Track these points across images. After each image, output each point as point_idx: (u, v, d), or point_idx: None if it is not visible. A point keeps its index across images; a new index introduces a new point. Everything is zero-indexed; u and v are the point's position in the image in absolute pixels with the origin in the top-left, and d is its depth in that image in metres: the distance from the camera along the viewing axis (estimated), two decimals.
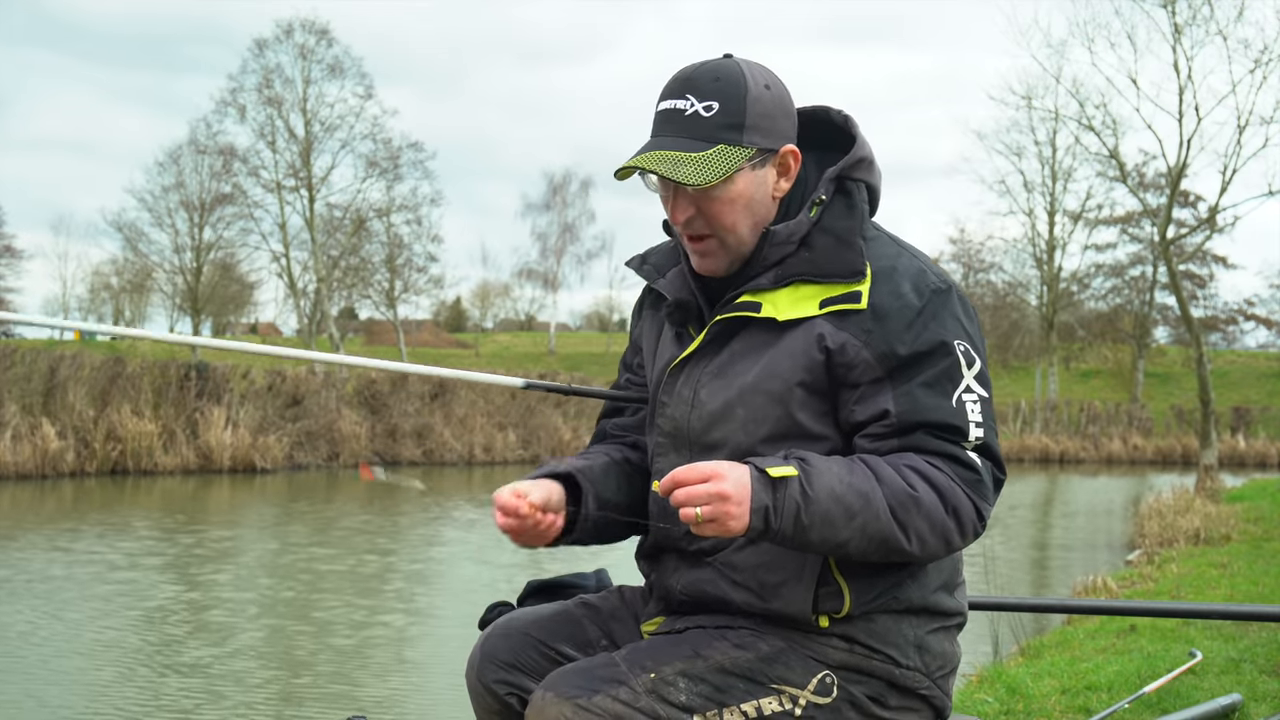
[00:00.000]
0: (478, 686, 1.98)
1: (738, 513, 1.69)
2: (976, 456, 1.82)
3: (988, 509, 1.81)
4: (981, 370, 1.86)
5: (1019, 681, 4.75)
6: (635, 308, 2.21)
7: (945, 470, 1.79)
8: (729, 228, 1.88)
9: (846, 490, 1.73)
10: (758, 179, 1.89)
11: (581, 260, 55.22)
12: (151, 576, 10.02)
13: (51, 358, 19.79)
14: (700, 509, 1.69)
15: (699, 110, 1.85)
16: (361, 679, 6.83)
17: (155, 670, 6.87)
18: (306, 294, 41.08)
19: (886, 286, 1.84)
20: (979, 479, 1.81)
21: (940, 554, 1.81)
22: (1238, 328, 53.94)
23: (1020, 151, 42.08)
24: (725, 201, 1.87)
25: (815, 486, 1.72)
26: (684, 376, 1.96)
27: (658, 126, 1.89)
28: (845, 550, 1.76)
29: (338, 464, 22.56)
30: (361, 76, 44.52)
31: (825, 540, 1.74)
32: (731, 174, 1.84)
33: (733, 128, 1.85)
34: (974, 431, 1.81)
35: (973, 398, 1.83)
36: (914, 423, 1.80)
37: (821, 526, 1.72)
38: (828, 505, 1.72)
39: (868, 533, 1.74)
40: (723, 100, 1.85)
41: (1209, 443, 19.88)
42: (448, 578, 10.84)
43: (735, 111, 1.85)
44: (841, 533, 1.73)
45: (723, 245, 1.90)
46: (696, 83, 1.87)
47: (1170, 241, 21.18)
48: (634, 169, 1.87)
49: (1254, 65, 18.43)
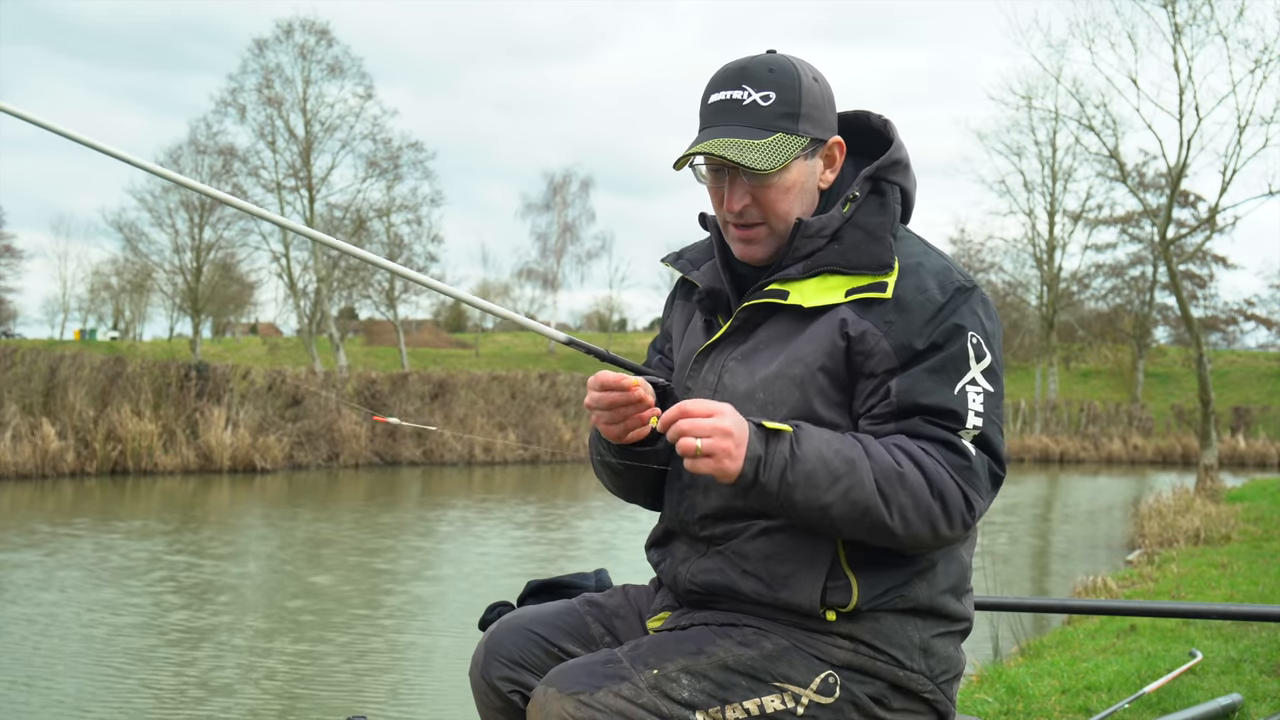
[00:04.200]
0: (481, 684, 1.98)
1: (735, 453, 1.73)
2: (972, 446, 1.82)
3: (978, 500, 1.81)
4: (991, 366, 1.86)
5: (1019, 681, 4.75)
6: (667, 300, 2.24)
7: (934, 455, 1.79)
8: (782, 216, 1.93)
9: (833, 455, 1.76)
10: (809, 169, 1.94)
11: (581, 260, 55.31)
12: (151, 576, 10.02)
13: (51, 358, 19.79)
14: (701, 441, 1.71)
15: (757, 100, 1.89)
16: (361, 679, 6.83)
17: (154, 670, 6.87)
18: (306, 294, 41.08)
19: (912, 280, 1.87)
20: (969, 466, 1.81)
21: (926, 539, 1.80)
22: (1238, 328, 54.01)
23: (1020, 151, 42.14)
24: (781, 190, 1.91)
25: (804, 446, 1.76)
26: (709, 362, 1.99)
27: (712, 117, 1.92)
28: (828, 515, 1.76)
29: (338, 464, 22.57)
30: (361, 76, 44.66)
31: (808, 501, 1.75)
32: (789, 162, 1.89)
33: (789, 117, 1.90)
34: (972, 420, 1.82)
35: (977, 389, 1.84)
36: (912, 404, 1.82)
37: (806, 486, 1.74)
38: (814, 465, 1.75)
39: (850, 498, 1.75)
40: (779, 91, 1.90)
41: (1209, 443, 19.88)
42: (448, 578, 10.84)
43: (791, 102, 1.90)
44: (825, 495, 1.75)
45: (772, 233, 1.94)
46: (752, 74, 1.91)
47: (1170, 241, 21.17)
48: (693, 156, 1.90)
49: (1254, 65, 18.45)
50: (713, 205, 2.00)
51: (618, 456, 2.00)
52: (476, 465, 24.62)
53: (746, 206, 1.92)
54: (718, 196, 1.97)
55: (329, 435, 22.74)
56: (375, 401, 24.09)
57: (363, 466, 22.88)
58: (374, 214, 41.59)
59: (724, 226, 1.99)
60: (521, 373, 28.10)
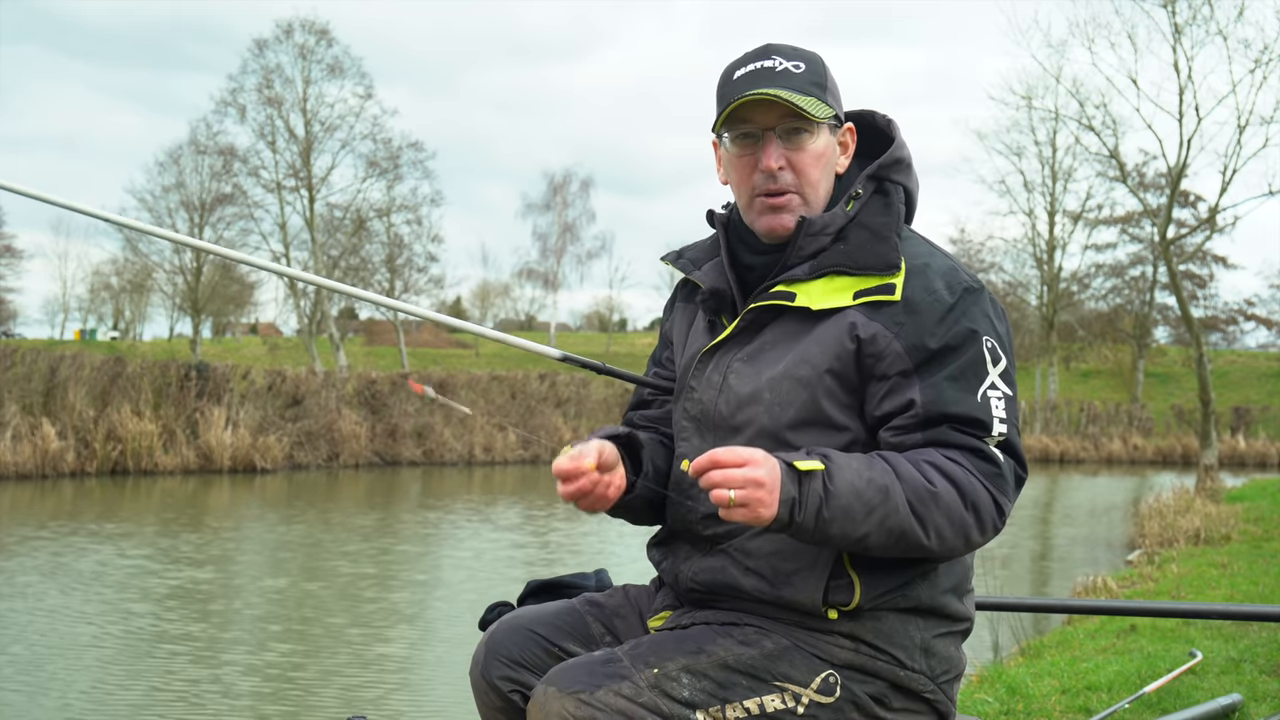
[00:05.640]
0: (482, 683, 1.98)
1: (769, 500, 1.71)
2: (999, 452, 1.82)
3: (1008, 504, 1.82)
4: (1007, 369, 1.87)
5: (1019, 681, 4.75)
6: (667, 302, 2.23)
7: (965, 464, 1.79)
8: (813, 183, 1.94)
9: (866, 485, 1.74)
10: (832, 145, 1.96)
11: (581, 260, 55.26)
12: (151, 576, 10.02)
13: (51, 358, 19.79)
14: (734, 493, 1.70)
15: (789, 68, 1.92)
16: (361, 679, 6.83)
17: (154, 670, 6.87)
18: (306, 294, 41.07)
19: (920, 281, 1.87)
20: (999, 473, 1.81)
21: (959, 549, 1.81)
22: (1238, 328, 54.01)
23: (1020, 151, 42.10)
24: (814, 155, 1.93)
25: (837, 481, 1.74)
26: (714, 362, 1.98)
27: (746, 84, 1.91)
28: (865, 544, 1.77)
29: (338, 464, 22.57)
30: (361, 76, 44.67)
31: (845, 534, 1.75)
32: (825, 123, 1.92)
33: (819, 86, 1.93)
34: (998, 427, 1.82)
35: (998, 394, 1.84)
36: (939, 415, 1.81)
37: (842, 520, 1.74)
38: (848, 500, 1.73)
39: (886, 526, 1.75)
40: (808, 63, 1.94)
41: (1209, 443, 19.88)
42: (448, 578, 10.84)
43: (819, 74, 1.94)
44: (861, 527, 1.74)
45: (803, 201, 1.94)
46: (778, 48, 1.95)
47: (1170, 241, 21.18)
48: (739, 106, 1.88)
49: (1254, 65, 18.45)
50: (737, 180, 1.97)
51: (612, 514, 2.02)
52: (476, 465, 24.62)
53: (782, 169, 1.92)
54: (747, 165, 1.94)
55: (329, 435, 22.74)
56: (375, 401, 24.10)
57: (363, 466, 22.88)
58: (374, 214, 41.63)
59: (750, 203, 1.96)
60: (521, 373, 28.11)
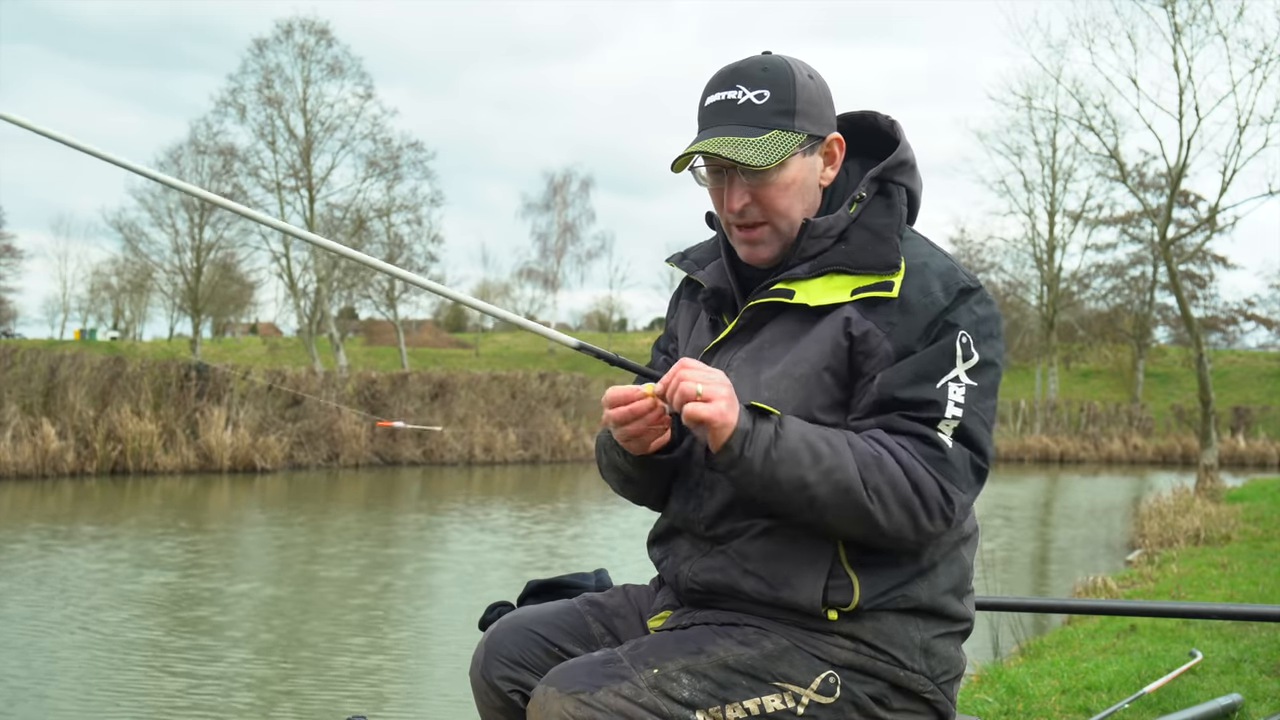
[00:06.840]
0: (481, 683, 1.98)
1: (730, 406, 1.77)
2: (949, 439, 1.82)
3: (957, 492, 1.81)
4: (981, 363, 1.86)
5: (1019, 681, 4.75)
6: (672, 299, 2.24)
7: (908, 448, 1.80)
8: (783, 213, 1.93)
9: (817, 438, 1.79)
10: (808, 165, 1.95)
11: (581, 260, 55.33)
12: (150, 577, 10.02)
13: (51, 358, 19.80)
14: (701, 386, 1.75)
15: (751, 98, 1.91)
16: (361, 679, 6.83)
17: (154, 671, 6.87)
18: (306, 294, 41.09)
19: (917, 281, 1.88)
20: (943, 458, 1.81)
21: (908, 531, 1.80)
22: (1238, 328, 54.02)
23: (1020, 151, 42.15)
24: (780, 187, 1.92)
25: (788, 426, 1.80)
26: (715, 360, 1.99)
27: (709, 118, 1.94)
28: (810, 494, 1.77)
29: (338, 464, 22.57)
30: (361, 76, 44.71)
31: (791, 478, 1.77)
32: (787, 158, 1.90)
33: (784, 114, 1.91)
34: (951, 410, 1.82)
35: (959, 385, 1.84)
36: (890, 398, 1.83)
37: (790, 464, 1.77)
38: (796, 444, 1.78)
39: (833, 478, 1.76)
40: (773, 88, 1.91)
41: (1209, 443, 19.88)
42: (447, 578, 10.84)
43: (786, 99, 1.91)
44: (808, 473, 1.77)
45: (775, 232, 1.95)
46: (745, 73, 1.93)
47: (1170, 241, 21.18)
48: (691, 156, 1.92)
49: (1254, 65, 18.46)
50: (715, 208, 2.01)
51: (638, 467, 2.00)
52: (476, 465, 24.62)
53: (746, 205, 1.93)
54: (719, 198, 1.97)
55: (329, 435, 22.74)
56: (375, 401, 24.10)
57: (363, 466, 22.88)
58: (374, 214, 41.63)
59: (728, 230, 1.99)
60: (521, 373, 28.11)
